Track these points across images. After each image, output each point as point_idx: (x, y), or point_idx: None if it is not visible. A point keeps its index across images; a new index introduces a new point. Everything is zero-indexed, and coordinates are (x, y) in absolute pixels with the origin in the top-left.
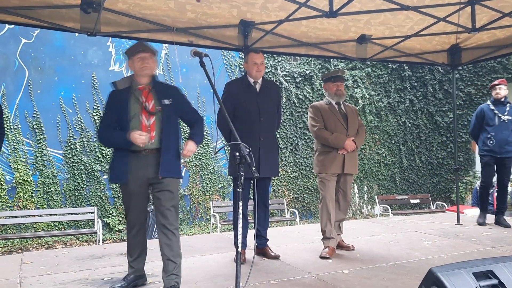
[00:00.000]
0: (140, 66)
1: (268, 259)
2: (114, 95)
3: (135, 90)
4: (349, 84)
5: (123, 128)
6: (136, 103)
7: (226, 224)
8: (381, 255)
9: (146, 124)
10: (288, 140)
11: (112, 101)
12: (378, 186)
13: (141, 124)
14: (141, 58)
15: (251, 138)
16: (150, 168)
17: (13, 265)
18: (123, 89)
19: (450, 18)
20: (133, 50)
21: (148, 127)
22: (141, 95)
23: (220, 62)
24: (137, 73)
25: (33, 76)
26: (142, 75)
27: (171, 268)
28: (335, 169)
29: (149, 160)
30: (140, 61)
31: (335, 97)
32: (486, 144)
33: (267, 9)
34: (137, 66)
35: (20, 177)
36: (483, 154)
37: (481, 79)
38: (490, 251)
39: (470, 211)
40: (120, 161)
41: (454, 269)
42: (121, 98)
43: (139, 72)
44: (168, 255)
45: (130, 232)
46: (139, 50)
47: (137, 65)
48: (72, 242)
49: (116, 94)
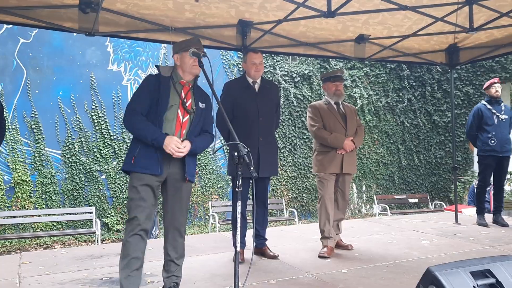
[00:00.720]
0: (193, 64)
1: (267, 259)
2: (153, 79)
3: (177, 83)
4: (348, 84)
5: (157, 115)
6: (175, 95)
7: (224, 224)
8: (380, 255)
9: (181, 120)
10: (286, 140)
11: (150, 84)
12: (377, 185)
13: (176, 117)
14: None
15: (250, 138)
16: (173, 165)
17: (11, 265)
18: (164, 77)
19: (448, 18)
20: (186, 45)
21: (181, 124)
22: (182, 90)
23: (218, 61)
24: (185, 69)
25: (31, 76)
26: (191, 73)
27: (173, 269)
28: (334, 169)
29: (172, 158)
30: (192, 58)
31: (334, 97)
32: (488, 143)
33: (266, 9)
34: (190, 63)
35: (18, 177)
36: (485, 154)
37: (479, 78)
38: (488, 250)
39: (468, 211)
40: (151, 150)
41: (452, 268)
42: (161, 85)
43: (189, 70)
44: (172, 257)
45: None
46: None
47: (189, 62)
48: (70, 242)
49: (155, 80)
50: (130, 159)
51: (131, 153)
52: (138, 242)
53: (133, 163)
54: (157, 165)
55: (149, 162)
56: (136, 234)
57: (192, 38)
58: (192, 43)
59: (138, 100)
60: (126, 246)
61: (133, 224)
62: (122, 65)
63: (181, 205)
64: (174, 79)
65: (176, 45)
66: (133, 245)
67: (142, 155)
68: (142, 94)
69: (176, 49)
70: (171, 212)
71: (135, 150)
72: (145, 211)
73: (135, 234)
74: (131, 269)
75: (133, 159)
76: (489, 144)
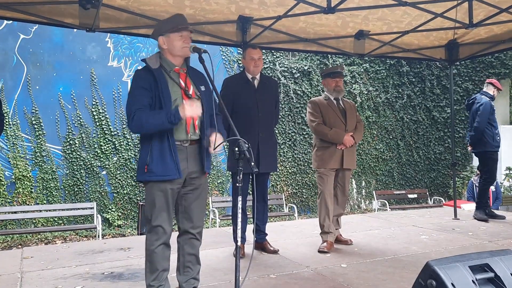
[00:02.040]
0: (182, 46)
1: (267, 254)
2: (144, 75)
3: (171, 72)
4: (347, 80)
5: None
6: (174, 86)
7: (225, 219)
8: (379, 249)
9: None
10: (286, 136)
11: (143, 81)
12: (376, 181)
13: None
14: (184, 37)
15: (249, 134)
16: (190, 162)
17: (13, 260)
18: (155, 69)
19: (447, 13)
20: (173, 25)
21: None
22: (180, 79)
23: (218, 57)
24: (174, 53)
25: (32, 72)
26: (181, 56)
27: (192, 274)
28: (333, 164)
29: (189, 153)
30: (182, 39)
31: (334, 93)
32: (496, 140)
33: (265, 4)
34: (178, 45)
35: (19, 172)
36: (495, 150)
37: (479, 74)
38: (486, 245)
39: (467, 206)
40: (164, 154)
41: (450, 263)
42: (157, 79)
43: (179, 53)
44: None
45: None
46: (182, 28)
47: (178, 44)
48: (71, 237)
49: (147, 74)
50: (143, 168)
51: (143, 160)
52: (164, 252)
53: (146, 172)
54: (174, 169)
55: (166, 167)
56: (161, 244)
57: (176, 15)
58: (178, 21)
59: (135, 101)
60: (152, 257)
61: (158, 234)
62: (122, 61)
63: (200, 203)
64: (166, 69)
65: (159, 26)
66: (160, 256)
67: (155, 161)
68: (141, 93)
69: (160, 30)
70: (189, 211)
71: (146, 157)
72: (168, 218)
73: (160, 244)
74: (160, 281)
75: (145, 167)
76: (497, 141)
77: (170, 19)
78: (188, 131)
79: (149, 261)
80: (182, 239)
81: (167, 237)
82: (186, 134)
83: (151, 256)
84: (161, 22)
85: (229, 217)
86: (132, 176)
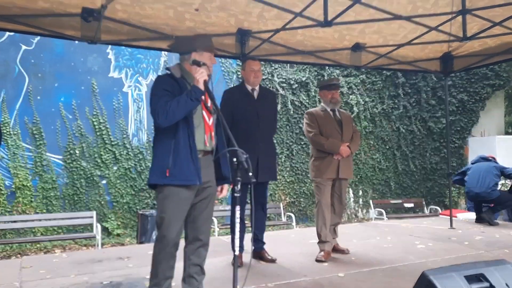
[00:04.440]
0: (210, 64)
1: (265, 263)
2: (168, 80)
3: (192, 84)
4: (344, 91)
5: (186, 121)
6: None
7: (223, 228)
8: (376, 259)
9: (208, 123)
10: (284, 146)
11: (167, 84)
12: (373, 190)
13: (204, 121)
14: (211, 57)
15: (250, 144)
16: (203, 172)
17: (12, 270)
18: (179, 78)
19: (442, 27)
20: (207, 45)
21: (209, 127)
22: None
23: (218, 69)
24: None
25: (33, 83)
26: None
27: (196, 284)
28: (330, 174)
29: (203, 163)
30: (210, 59)
31: (330, 104)
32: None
33: (264, 18)
34: (208, 63)
35: (19, 182)
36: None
37: (474, 85)
38: (482, 254)
39: (463, 215)
40: (186, 158)
41: (446, 272)
42: (179, 86)
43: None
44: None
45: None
46: (209, 49)
47: (207, 62)
48: (71, 246)
49: (170, 80)
50: (163, 171)
51: (163, 163)
52: (170, 260)
53: (168, 176)
54: (195, 175)
55: (187, 172)
56: (168, 252)
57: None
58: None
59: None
60: (157, 264)
61: (165, 241)
62: (123, 72)
63: (209, 214)
64: (188, 80)
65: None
66: (165, 264)
67: (178, 165)
68: (161, 94)
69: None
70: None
71: (167, 159)
72: (177, 227)
73: (167, 253)
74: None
75: (167, 171)
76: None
77: (203, 38)
78: (206, 142)
79: (153, 263)
80: (189, 248)
81: (172, 246)
82: (204, 145)
83: (155, 261)
84: (193, 37)
85: (228, 226)
86: (132, 186)
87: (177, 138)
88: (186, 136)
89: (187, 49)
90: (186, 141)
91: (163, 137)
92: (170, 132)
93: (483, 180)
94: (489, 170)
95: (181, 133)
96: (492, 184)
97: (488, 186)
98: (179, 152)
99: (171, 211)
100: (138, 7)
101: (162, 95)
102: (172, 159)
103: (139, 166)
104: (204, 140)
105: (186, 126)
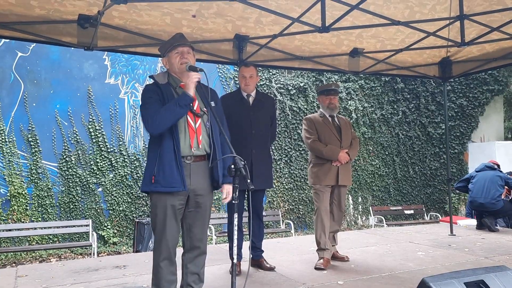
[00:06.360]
0: (179, 62)
1: (263, 271)
2: (153, 89)
3: (177, 87)
4: (343, 96)
5: (170, 127)
6: None
7: (221, 236)
8: (376, 266)
9: (194, 127)
10: (282, 152)
11: (153, 93)
12: (372, 197)
13: (188, 125)
14: (180, 53)
15: (242, 151)
16: (194, 179)
17: (7, 279)
18: (162, 85)
19: (440, 32)
20: (169, 45)
21: (195, 131)
22: None
23: (215, 75)
24: (175, 70)
25: (29, 89)
26: (180, 73)
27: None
28: (329, 181)
29: (193, 170)
30: (179, 56)
31: (328, 110)
32: None
33: (261, 23)
34: (175, 62)
35: (14, 190)
36: None
37: (473, 91)
38: (482, 261)
39: (463, 222)
40: (171, 166)
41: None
42: (163, 93)
43: (177, 70)
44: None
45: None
46: (176, 45)
47: (176, 60)
48: (66, 255)
49: (155, 88)
50: (149, 178)
51: (150, 171)
52: (169, 267)
53: (153, 183)
54: (179, 181)
55: (171, 179)
56: (166, 258)
57: (175, 34)
58: (174, 40)
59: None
60: (157, 272)
61: (161, 248)
62: (119, 78)
63: (205, 221)
64: (173, 85)
65: (161, 49)
66: (165, 271)
67: (162, 172)
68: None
69: (162, 53)
70: (194, 230)
71: (152, 168)
72: (170, 232)
73: (165, 259)
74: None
75: (152, 178)
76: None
77: (169, 39)
78: (192, 146)
79: (154, 274)
80: (186, 257)
81: (171, 252)
82: (190, 149)
83: (156, 269)
84: (162, 44)
85: (225, 234)
86: (129, 193)
87: (162, 145)
88: (170, 142)
89: (161, 57)
90: (170, 147)
91: (152, 145)
92: (157, 140)
93: (488, 190)
94: (494, 180)
95: (166, 140)
96: (497, 195)
97: (493, 197)
98: (162, 159)
99: (161, 217)
100: (135, 13)
101: (151, 103)
102: (157, 166)
103: (135, 173)
104: (189, 144)
105: (170, 133)
